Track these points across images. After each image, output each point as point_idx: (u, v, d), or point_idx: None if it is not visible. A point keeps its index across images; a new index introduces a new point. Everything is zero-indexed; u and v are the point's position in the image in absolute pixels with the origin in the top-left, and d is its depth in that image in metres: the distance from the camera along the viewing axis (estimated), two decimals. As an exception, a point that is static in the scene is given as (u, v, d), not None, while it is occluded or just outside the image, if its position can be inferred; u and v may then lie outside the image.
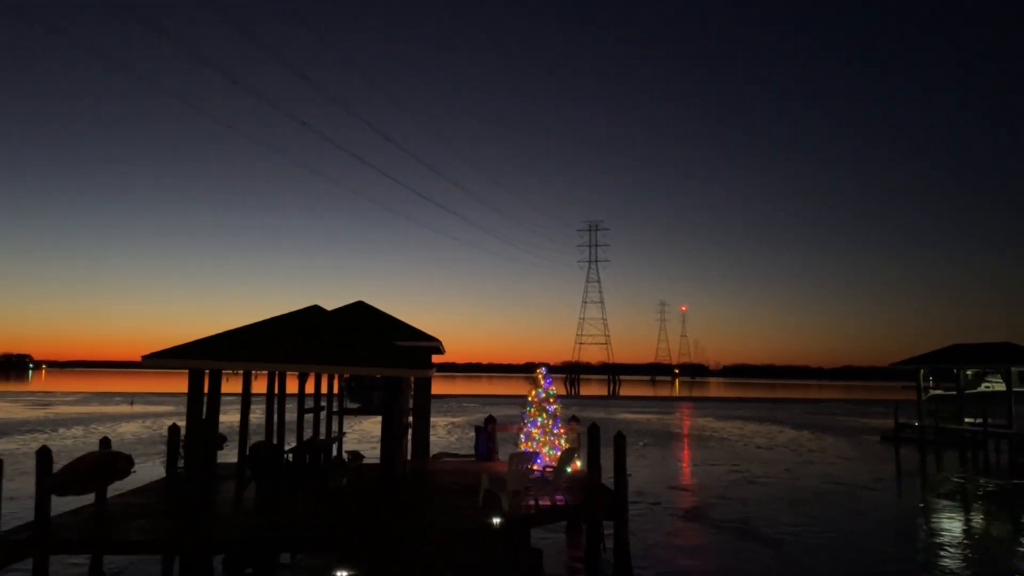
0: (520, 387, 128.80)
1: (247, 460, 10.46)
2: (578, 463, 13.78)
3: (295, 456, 10.50)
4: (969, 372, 32.23)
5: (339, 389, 19.26)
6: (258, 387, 16.36)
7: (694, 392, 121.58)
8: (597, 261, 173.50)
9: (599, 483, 12.09)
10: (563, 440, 13.84)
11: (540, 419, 13.89)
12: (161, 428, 36.57)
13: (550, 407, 13.96)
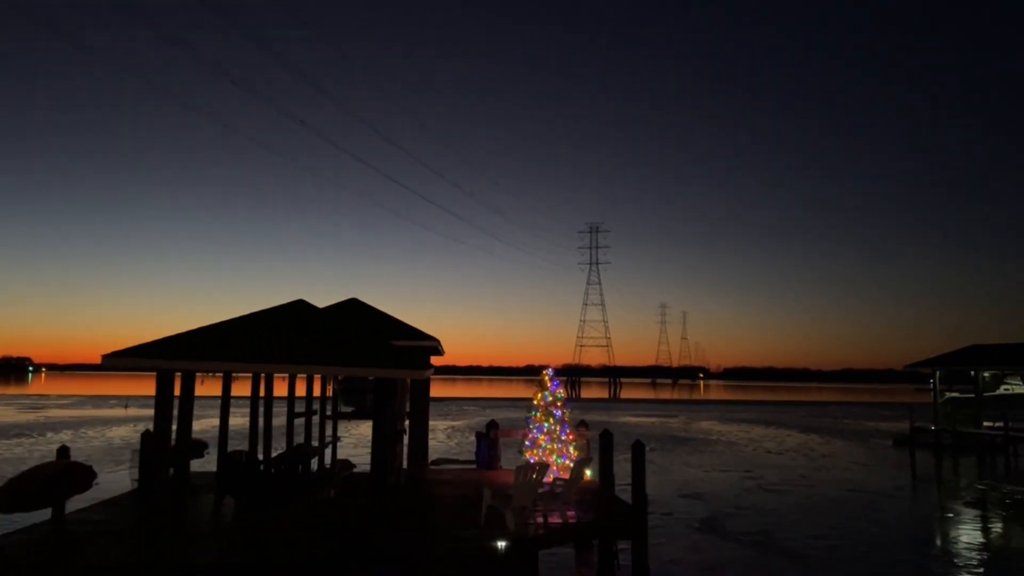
0: (520, 390, 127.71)
1: (220, 472, 9.40)
2: (588, 472, 12.73)
3: (275, 466, 9.44)
4: (987, 374, 31.17)
5: (333, 392, 18.23)
6: (244, 389, 15.36)
7: (694, 395, 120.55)
8: (598, 263, 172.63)
9: (613, 496, 11.03)
10: (571, 447, 12.77)
11: (547, 424, 12.83)
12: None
13: (557, 411, 12.90)
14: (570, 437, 12.83)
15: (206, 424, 35.68)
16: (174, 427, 9.58)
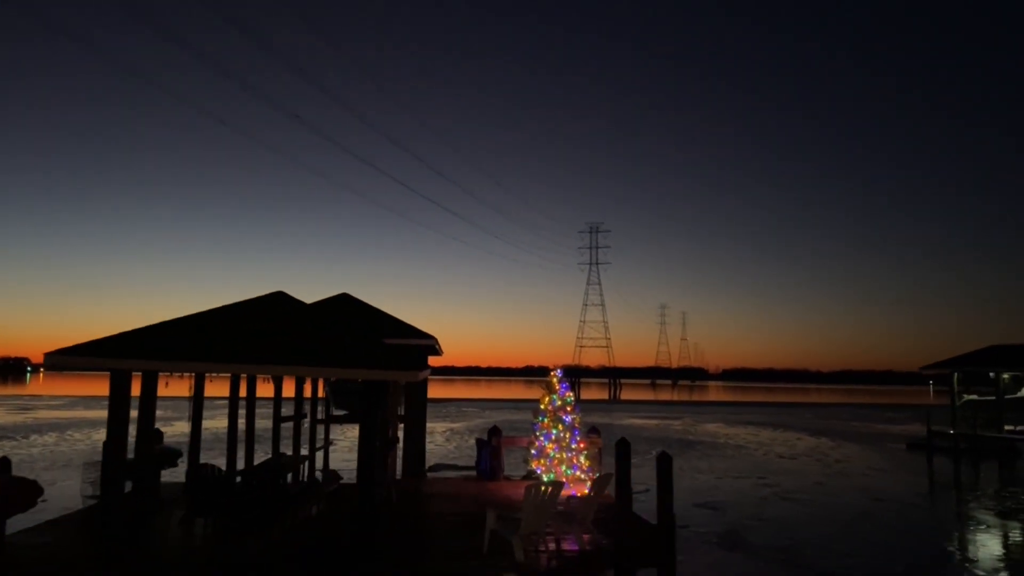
0: (520, 391, 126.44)
1: (187, 488, 8.21)
2: (600, 484, 11.55)
3: (250, 480, 8.24)
4: (1006, 376, 29.98)
5: (325, 393, 17.10)
6: (224, 390, 14.16)
7: (694, 396, 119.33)
8: (598, 263, 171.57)
9: (632, 514, 9.84)
10: (583, 457, 11.57)
11: (555, 431, 11.63)
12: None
13: (567, 417, 11.70)
14: (581, 446, 11.64)
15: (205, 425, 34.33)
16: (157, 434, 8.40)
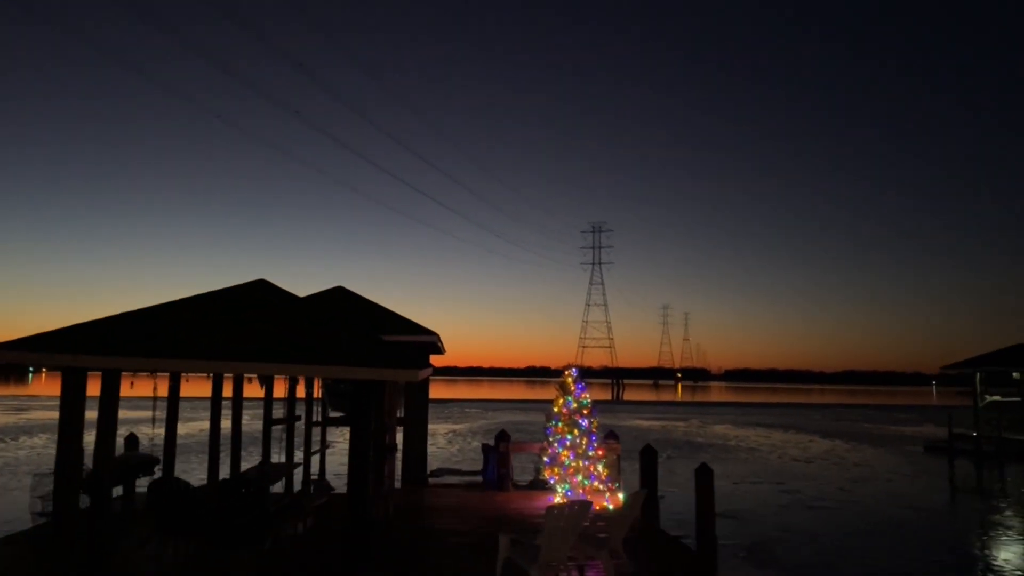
0: (523, 391, 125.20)
1: (147, 505, 7.10)
2: (620, 496, 10.43)
3: (221, 495, 7.12)
4: (1030, 376, 28.80)
5: (320, 393, 15.97)
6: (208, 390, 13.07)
7: (697, 396, 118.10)
8: (600, 263, 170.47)
9: (663, 534, 8.71)
10: (600, 466, 10.44)
11: (570, 437, 10.50)
12: (152, 434, 33.04)
13: (584, 421, 10.57)
14: (599, 453, 10.52)
15: (192, 428, 33.39)
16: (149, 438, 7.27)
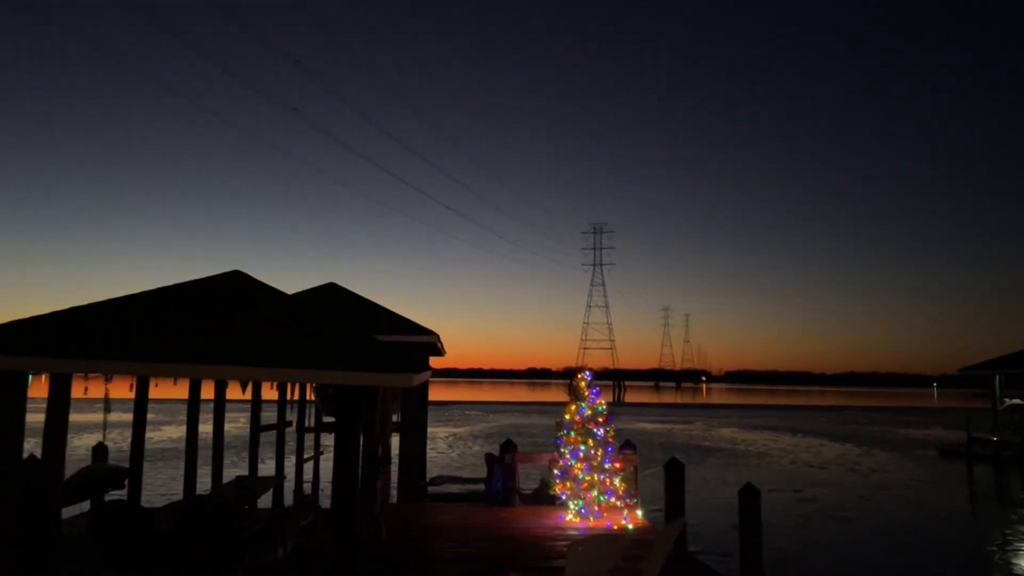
0: (524, 393, 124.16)
1: (90, 531, 6.11)
2: (638, 513, 9.45)
3: (177, 521, 6.13)
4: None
5: (313, 396, 15.09)
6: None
7: (699, 398, 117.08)
8: (602, 264, 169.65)
9: (689, 557, 7.74)
10: (618, 479, 9.46)
11: (584, 447, 9.52)
12: (125, 441, 32.12)
13: (599, 430, 9.59)
14: (616, 466, 9.54)
15: (168, 434, 32.44)
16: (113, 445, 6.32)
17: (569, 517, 9.33)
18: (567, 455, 9.58)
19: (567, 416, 9.83)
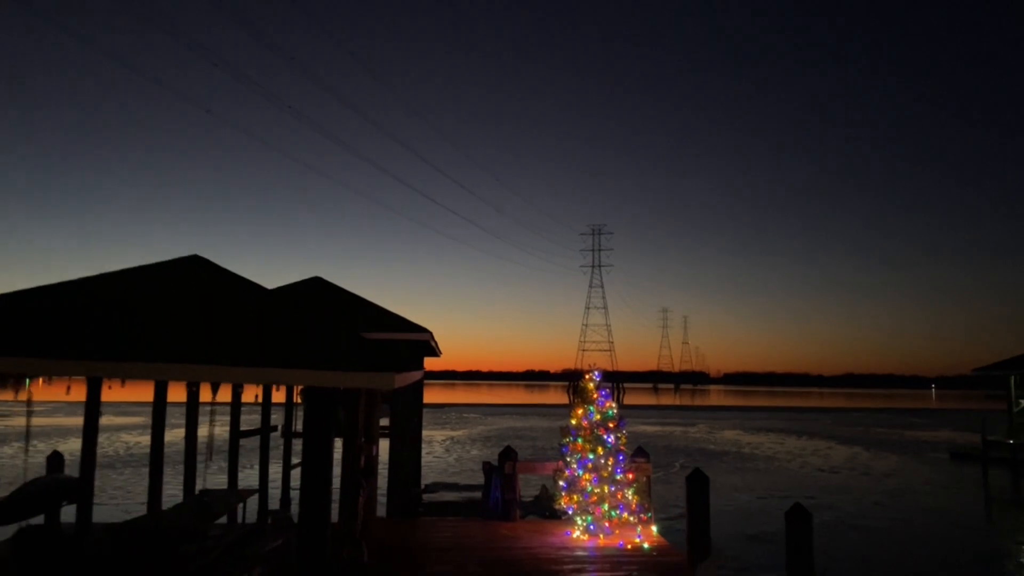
0: (522, 396, 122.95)
1: (14, 559, 5.13)
2: (653, 529, 8.46)
3: (108, 549, 5.13)
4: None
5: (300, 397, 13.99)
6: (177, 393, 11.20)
7: (700, 400, 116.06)
8: (600, 266, 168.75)
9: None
10: (630, 492, 8.47)
11: (592, 456, 8.53)
12: (113, 446, 31.08)
13: (609, 437, 8.60)
14: (629, 477, 8.54)
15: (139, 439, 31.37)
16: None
17: (576, 534, 8.33)
18: (574, 465, 8.59)
19: (573, 421, 8.83)
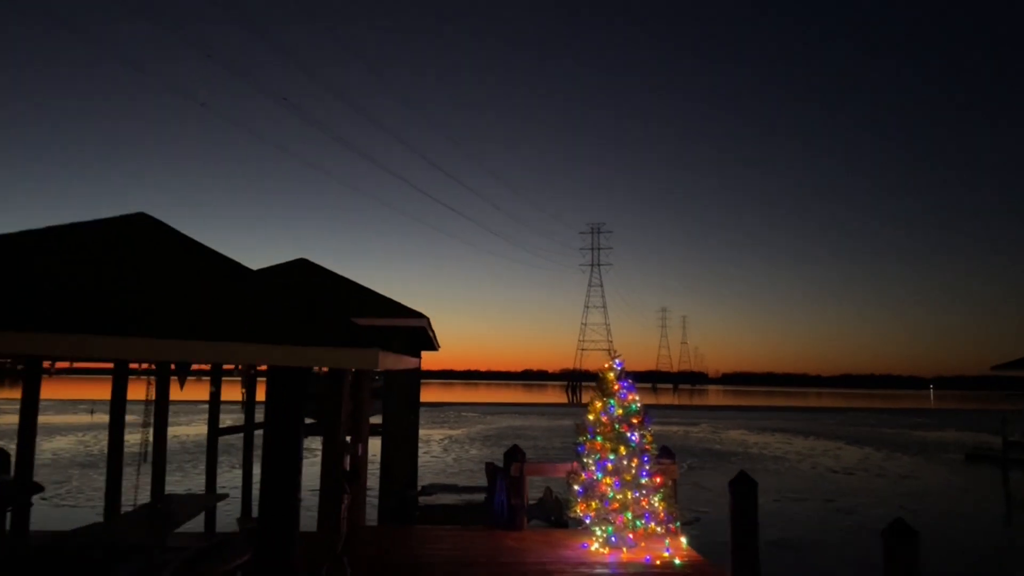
0: (521, 395, 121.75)
1: None
2: (683, 541, 7.39)
3: (29, 566, 4.05)
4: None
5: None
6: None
7: (700, 401, 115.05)
8: (599, 264, 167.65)
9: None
10: (657, 499, 7.40)
11: (613, 457, 7.46)
12: (98, 445, 29.99)
13: (632, 434, 7.52)
14: (656, 481, 7.47)
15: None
16: None
17: (595, 547, 7.27)
18: (592, 467, 7.50)
19: (591, 416, 7.75)
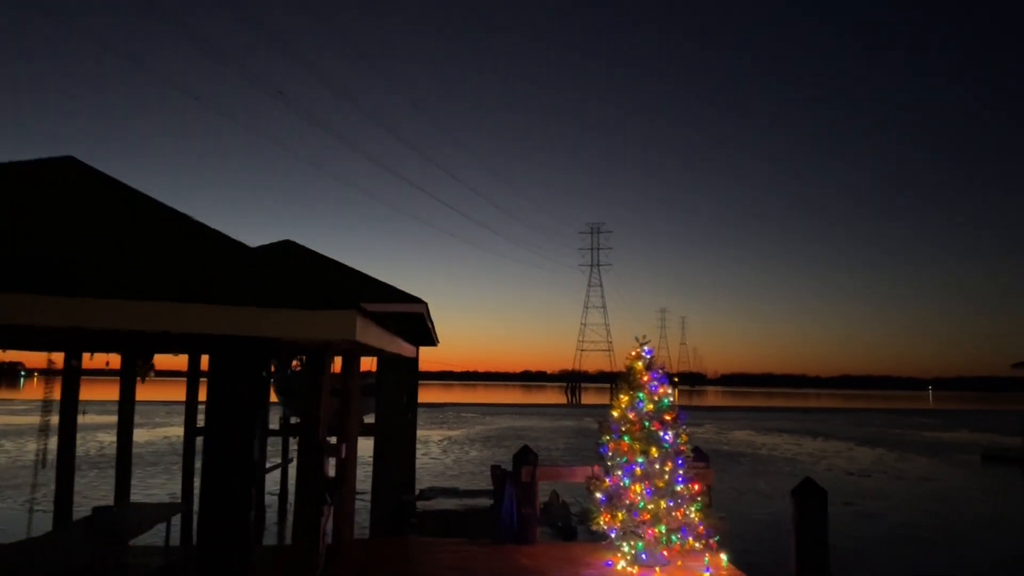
0: (520, 395, 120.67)
1: None
2: (723, 558, 6.37)
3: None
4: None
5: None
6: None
7: (695, 401, 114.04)
8: (599, 264, 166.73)
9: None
10: (694, 509, 6.37)
11: (642, 460, 6.43)
12: (86, 445, 28.89)
13: (666, 434, 6.49)
14: (694, 488, 6.44)
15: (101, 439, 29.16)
16: None
17: (621, 565, 6.22)
18: (617, 471, 6.45)
19: (615, 413, 6.69)
